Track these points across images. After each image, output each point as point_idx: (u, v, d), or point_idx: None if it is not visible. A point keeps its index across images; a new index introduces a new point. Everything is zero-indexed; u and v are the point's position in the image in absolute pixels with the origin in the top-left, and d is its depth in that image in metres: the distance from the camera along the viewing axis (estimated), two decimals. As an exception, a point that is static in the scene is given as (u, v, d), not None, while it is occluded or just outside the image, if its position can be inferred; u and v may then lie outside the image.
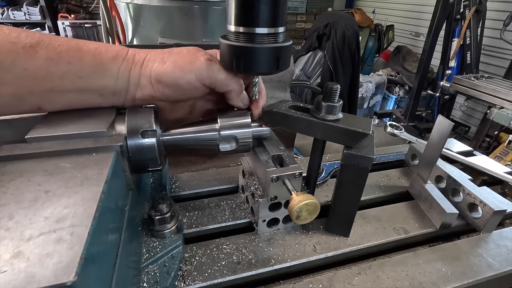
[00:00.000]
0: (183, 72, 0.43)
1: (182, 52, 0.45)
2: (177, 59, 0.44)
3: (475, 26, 2.66)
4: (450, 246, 0.56)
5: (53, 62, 0.39)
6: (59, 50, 0.39)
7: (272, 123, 0.51)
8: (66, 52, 0.40)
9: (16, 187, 0.31)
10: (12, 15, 4.60)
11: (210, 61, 0.44)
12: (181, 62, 0.44)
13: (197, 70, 0.44)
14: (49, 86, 0.40)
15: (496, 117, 2.09)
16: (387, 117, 3.51)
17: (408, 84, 4.07)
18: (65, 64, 0.39)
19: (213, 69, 0.44)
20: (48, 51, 0.39)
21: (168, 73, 0.43)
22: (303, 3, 6.08)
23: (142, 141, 0.43)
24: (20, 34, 0.38)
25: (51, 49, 0.39)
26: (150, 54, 0.45)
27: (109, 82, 0.43)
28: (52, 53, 0.39)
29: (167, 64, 0.43)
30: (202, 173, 0.74)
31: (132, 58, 0.44)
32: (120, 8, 1.02)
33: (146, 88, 0.44)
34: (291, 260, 0.51)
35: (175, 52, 0.45)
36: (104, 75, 0.42)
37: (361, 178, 0.49)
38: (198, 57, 0.44)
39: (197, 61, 0.44)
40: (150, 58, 0.44)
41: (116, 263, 0.33)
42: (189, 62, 0.44)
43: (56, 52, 0.39)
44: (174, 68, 0.43)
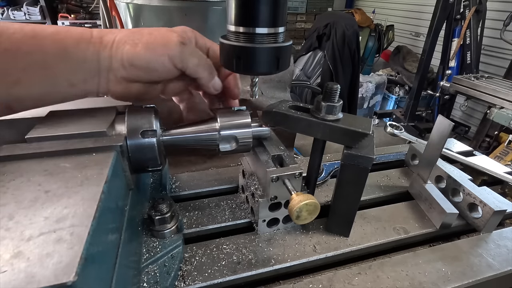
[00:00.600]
0: (156, 54, 0.42)
1: (153, 33, 0.43)
2: (149, 41, 0.42)
3: (475, 26, 2.66)
4: (450, 246, 0.56)
5: (11, 53, 0.36)
6: (14, 39, 0.36)
7: (272, 123, 0.51)
8: (23, 41, 0.36)
9: (16, 187, 0.31)
10: (12, 15, 4.60)
11: (183, 44, 0.43)
12: (154, 44, 0.42)
13: (170, 52, 0.42)
14: (13, 78, 0.37)
15: (496, 117, 2.09)
16: (387, 117, 3.51)
17: (408, 84, 4.07)
18: (25, 54, 0.36)
19: (185, 53, 0.43)
20: (2, 41, 0.35)
21: (141, 56, 0.41)
22: (303, 3, 6.07)
23: (142, 141, 0.43)
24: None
25: (5, 39, 0.35)
26: (120, 35, 0.42)
27: (77, 68, 0.40)
28: (7, 43, 0.35)
29: (139, 46, 0.41)
30: (202, 173, 0.74)
31: (99, 40, 0.41)
32: (120, 8, 1.02)
33: (119, 71, 0.42)
34: (291, 260, 0.51)
35: (146, 33, 0.43)
36: (70, 61, 0.39)
37: (361, 178, 0.49)
38: (171, 39, 0.43)
39: (170, 43, 0.42)
40: (120, 39, 0.42)
41: (116, 263, 0.33)
42: (161, 44, 0.42)
43: (12, 42, 0.36)
44: (147, 51, 0.41)
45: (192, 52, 0.44)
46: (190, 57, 0.44)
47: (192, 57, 0.44)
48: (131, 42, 0.41)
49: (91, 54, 0.40)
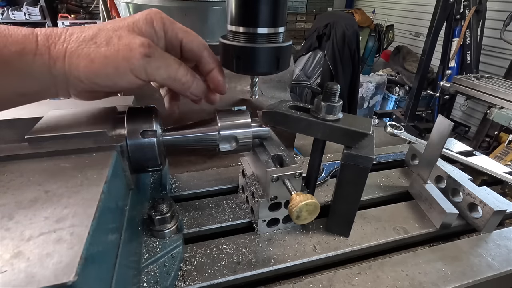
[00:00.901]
0: (118, 72, 0.36)
1: (113, 41, 0.36)
2: (107, 54, 0.35)
3: (475, 26, 2.66)
4: (450, 246, 0.56)
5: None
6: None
7: (272, 123, 0.51)
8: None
9: (16, 187, 0.31)
10: (12, 15, 4.60)
11: (148, 57, 0.37)
12: (113, 59, 0.35)
13: (133, 67, 0.36)
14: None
15: (496, 117, 2.09)
16: (387, 117, 3.51)
17: (408, 84, 4.07)
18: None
19: (151, 67, 0.37)
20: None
21: (101, 74, 0.36)
22: (303, 3, 6.07)
23: (142, 141, 0.43)
24: None
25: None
26: (71, 42, 0.35)
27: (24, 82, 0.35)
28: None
29: (96, 63, 0.35)
30: (202, 173, 0.74)
31: (47, 52, 0.34)
32: (120, 8, 1.02)
33: (78, 85, 0.37)
34: (291, 260, 0.51)
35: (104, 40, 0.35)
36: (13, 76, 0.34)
37: (361, 178, 0.49)
38: (133, 52, 0.36)
39: (132, 57, 0.36)
40: (73, 52, 0.35)
41: (116, 263, 0.33)
42: (122, 58, 0.35)
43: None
44: (107, 68, 0.35)
45: (158, 64, 0.38)
46: (157, 70, 0.38)
47: (158, 69, 0.38)
48: (85, 56, 0.35)
49: (39, 68, 0.34)
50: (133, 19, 0.39)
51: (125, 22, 0.38)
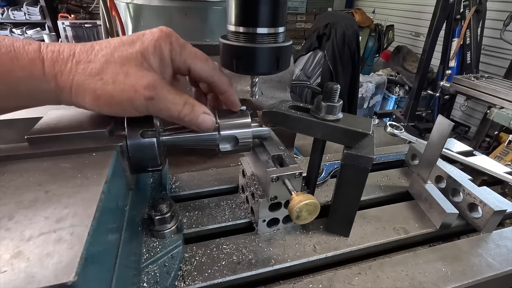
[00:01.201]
0: (122, 109, 0.37)
1: (119, 79, 0.36)
2: (113, 93, 0.35)
3: (475, 26, 2.66)
4: (450, 246, 0.56)
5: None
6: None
7: (272, 123, 0.51)
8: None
9: (16, 187, 0.31)
10: (12, 15, 4.60)
11: (151, 100, 0.37)
12: (118, 98, 0.36)
13: (137, 107, 0.37)
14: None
15: (496, 117, 2.08)
16: (387, 117, 3.51)
17: (408, 84, 4.07)
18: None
19: (154, 108, 0.38)
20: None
21: (106, 110, 0.37)
22: (303, 3, 6.07)
23: (142, 141, 0.43)
24: None
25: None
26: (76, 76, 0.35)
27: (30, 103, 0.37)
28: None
29: (102, 100, 0.36)
30: (202, 173, 0.74)
31: (53, 80, 0.34)
32: (120, 8, 1.02)
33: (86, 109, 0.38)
34: (291, 260, 0.51)
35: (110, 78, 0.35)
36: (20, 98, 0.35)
37: (361, 178, 0.49)
38: (137, 94, 0.36)
39: (136, 100, 0.36)
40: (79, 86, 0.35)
41: (116, 263, 0.33)
42: (127, 98, 0.36)
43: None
44: (112, 105, 0.37)
45: (160, 107, 0.38)
46: (159, 112, 0.39)
47: (160, 112, 0.39)
48: (91, 92, 0.35)
49: (46, 94, 0.35)
50: (142, 47, 0.38)
51: (133, 50, 0.37)
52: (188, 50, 0.42)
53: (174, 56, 0.40)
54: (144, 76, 0.37)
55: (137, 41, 0.38)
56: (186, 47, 0.42)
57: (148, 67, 0.38)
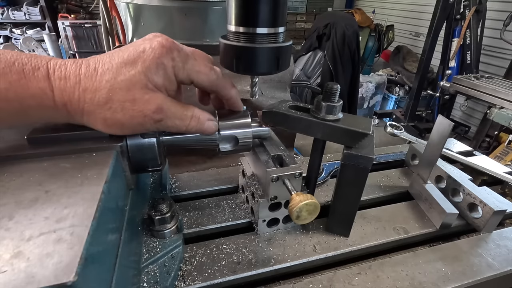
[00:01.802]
0: (135, 131, 0.40)
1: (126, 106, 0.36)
2: (123, 121, 0.37)
3: (475, 26, 2.66)
4: (450, 246, 0.56)
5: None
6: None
7: (272, 123, 0.51)
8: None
9: (16, 187, 0.31)
10: (12, 15, 4.60)
11: (160, 122, 0.39)
12: (129, 124, 0.38)
13: (148, 129, 0.40)
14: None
15: (496, 117, 2.09)
16: (387, 117, 3.51)
17: (408, 84, 4.07)
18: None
19: (163, 127, 0.41)
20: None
21: (118, 132, 0.39)
22: (303, 3, 6.08)
23: (142, 141, 0.43)
24: None
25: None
26: (86, 105, 0.36)
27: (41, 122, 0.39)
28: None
29: (113, 126, 0.38)
30: (202, 173, 0.74)
31: (64, 109, 0.35)
32: (120, 8, 1.02)
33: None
34: (291, 260, 0.51)
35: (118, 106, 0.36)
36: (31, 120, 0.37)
37: (361, 178, 0.49)
38: (146, 118, 0.38)
39: (146, 124, 0.38)
40: (90, 113, 0.36)
41: (116, 263, 0.33)
42: (138, 124, 0.38)
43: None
44: (123, 130, 0.39)
45: (168, 126, 0.41)
46: (167, 129, 0.42)
47: (168, 129, 0.42)
48: (102, 121, 0.37)
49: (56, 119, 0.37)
50: (144, 67, 0.37)
51: (135, 72, 0.36)
52: (191, 63, 0.41)
53: (177, 72, 0.40)
54: (150, 99, 0.37)
55: (139, 60, 0.37)
56: (188, 60, 0.41)
57: (152, 87, 0.38)
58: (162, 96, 0.39)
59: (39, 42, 4.27)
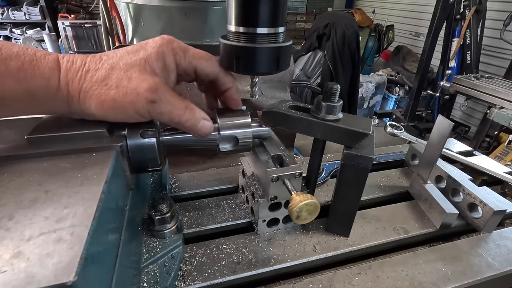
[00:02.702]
0: (125, 113, 0.38)
1: (122, 84, 0.37)
2: (116, 97, 0.37)
3: (475, 26, 2.66)
4: (450, 246, 0.56)
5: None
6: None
7: (272, 123, 0.51)
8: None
9: (16, 187, 0.31)
10: (12, 15, 4.60)
11: (153, 103, 0.38)
12: (121, 102, 0.37)
13: (138, 111, 0.38)
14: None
15: (496, 117, 2.08)
16: (387, 117, 3.51)
17: (408, 84, 4.07)
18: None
19: (155, 111, 0.39)
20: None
21: (111, 114, 0.38)
22: (303, 3, 6.07)
23: (142, 141, 0.43)
24: None
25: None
26: (85, 83, 0.37)
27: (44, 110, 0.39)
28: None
29: (105, 105, 0.37)
30: (202, 173, 0.74)
31: (65, 89, 0.36)
32: (120, 8, 1.02)
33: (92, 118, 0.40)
34: (291, 260, 0.51)
35: (114, 83, 0.37)
36: (36, 105, 0.37)
37: (361, 178, 0.49)
38: (139, 97, 0.37)
39: (137, 102, 0.37)
40: (86, 91, 0.37)
41: (116, 263, 0.33)
42: (129, 102, 0.37)
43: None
44: (115, 110, 0.38)
45: (161, 111, 0.39)
46: (160, 115, 0.40)
47: (162, 115, 0.40)
48: (96, 97, 0.37)
49: (59, 102, 0.37)
50: (145, 54, 0.39)
51: (137, 57, 0.39)
52: (192, 52, 0.43)
53: (179, 60, 0.42)
54: (146, 79, 0.38)
55: (141, 50, 0.40)
56: (189, 49, 0.43)
57: (151, 71, 0.39)
58: (158, 79, 0.39)
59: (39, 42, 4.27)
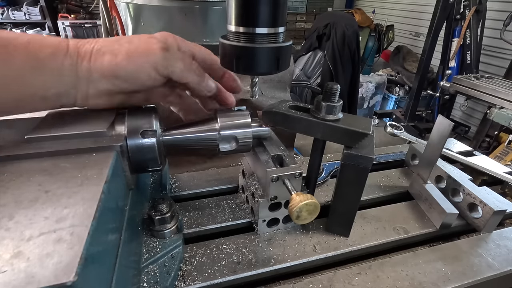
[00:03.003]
0: (139, 64, 0.40)
1: (133, 41, 0.40)
2: (130, 49, 0.39)
3: (475, 26, 2.66)
4: (450, 246, 0.56)
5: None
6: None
7: (272, 123, 0.51)
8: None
9: (16, 187, 0.31)
10: (12, 15, 4.60)
11: (166, 51, 0.40)
12: (135, 54, 0.39)
13: (152, 61, 0.40)
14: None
15: (496, 117, 2.08)
16: (387, 117, 3.50)
17: (408, 84, 4.07)
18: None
19: (169, 59, 0.41)
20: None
21: (123, 67, 0.39)
22: (303, 3, 6.07)
23: (142, 141, 0.43)
24: None
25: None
26: (97, 44, 0.39)
27: (52, 81, 0.38)
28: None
29: (119, 57, 0.39)
30: (202, 173, 0.74)
31: (76, 51, 0.38)
32: (120, 8, 1.02)
33: (100, 82, 0.40)
34: (291, 260, 0.51)
35: (125, 41, 0.40)
36: (44, 74, 0.37)
37: (361, 178, 0.49)
38: (152, 47, 0.40)
39: (151, 52, 0.40)
40: (99, 50, 0.39)
41: (116, 263, 0.33)
42: (143, 52, 0.40)
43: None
44: (129, 61, 0.39)
45: (176, 57, 0.42)
46: (175, 62, 0.42)
47: (176, 62, 0.42)
48: (110, 52, 0.39)
49: (68, 66, 0.38)
50: (151, 35, 0.43)
51: (143, 35, 0.43)
52: (189, 42, 0.47)
53: (179, 45, 0.44)
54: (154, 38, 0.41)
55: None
56: (186, 41, 0.46)
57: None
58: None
59: (39, 42, 4.26)
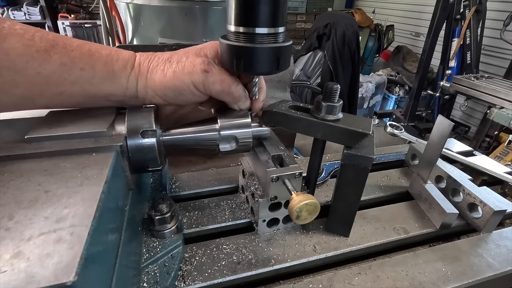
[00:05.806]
0: (183, 83, 0.45)
1: (181, 60, 0.46)
2: (176, 69, 0.45)
3: (475, 26, 2.66)
4: (450, 246, 0.56)
5: (66, 68, 0.39)
6: (73, 56, 0.39)
7: (272, 123, 0.51)
8: (80, 58, 0.40)
9: (16, 187, 0.31)
10: (12, 15, 4.60)
11: (206, 73, 0.45)
12: (180, 73, 0.45)
13: (194, 81, 0.45)
14: (59, 90, 0.40)
15: (496, 117, 2.08)
16: (387, 117, 3.51)
17: (408, 84, 4.07)
18: (78, 70, 0.40)
19: (208, 81, 0.45)
20: (62, 56, 0.38)
21: (170, 85, 0.45)
22: (303, 3, 6.07)
23: (142, 141, 0.43)
24: (34, 35, 0.37)
25: (65, 54, 0.39)
26: (152, 63, 0.46)
27: (118, 90, 0.44)
28: (66, 59, 0.39)
29: (167, 76, 0.45)
30: (202, 173, 0.74)
31: (138, 68, 0.45)
32: (120, 8, 1.02)
33: (153, 98, 0.46)
34: (291, 260, 0.51)
35: (175, 60, 0.46)
36: (113, 83, 0.43)
37: (361, 178, 0.49)
38: (195, 68, 0.45)
39: (194, 72, 0.45)
40: (153, 69, 0.45)
41: (116, 263, 0.33)
42: (187, 73, 0.45)
43: (70, 58, 0.39)
44: (174, 80, 0.45)
45: (214, 80, 0.45)
46: (213, 85, 0.46)
47: (214, 85, 0.46)
48: (160, 72, 0.45)
49: (131, 80, 0.44)
50: (201, 46, 0.49)
51: (194, 48, 0.48)
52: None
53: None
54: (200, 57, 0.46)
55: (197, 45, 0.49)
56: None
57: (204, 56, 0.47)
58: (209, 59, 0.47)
59: (39, 42, 4.25)
